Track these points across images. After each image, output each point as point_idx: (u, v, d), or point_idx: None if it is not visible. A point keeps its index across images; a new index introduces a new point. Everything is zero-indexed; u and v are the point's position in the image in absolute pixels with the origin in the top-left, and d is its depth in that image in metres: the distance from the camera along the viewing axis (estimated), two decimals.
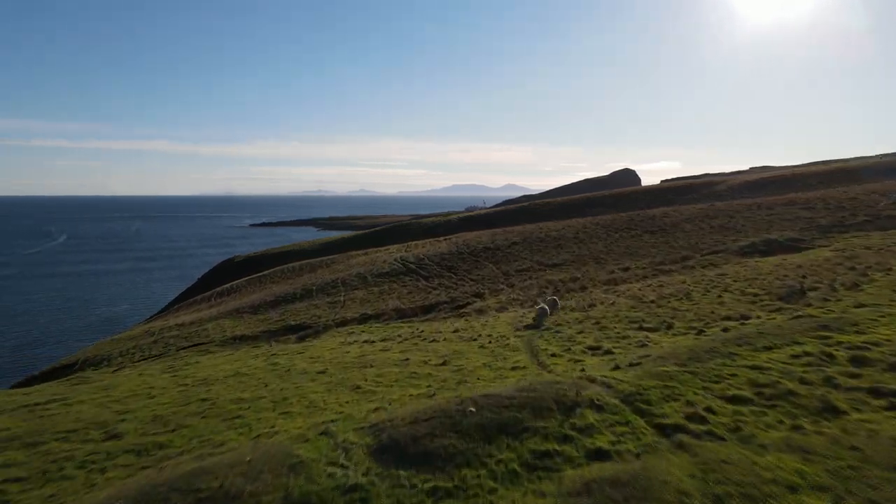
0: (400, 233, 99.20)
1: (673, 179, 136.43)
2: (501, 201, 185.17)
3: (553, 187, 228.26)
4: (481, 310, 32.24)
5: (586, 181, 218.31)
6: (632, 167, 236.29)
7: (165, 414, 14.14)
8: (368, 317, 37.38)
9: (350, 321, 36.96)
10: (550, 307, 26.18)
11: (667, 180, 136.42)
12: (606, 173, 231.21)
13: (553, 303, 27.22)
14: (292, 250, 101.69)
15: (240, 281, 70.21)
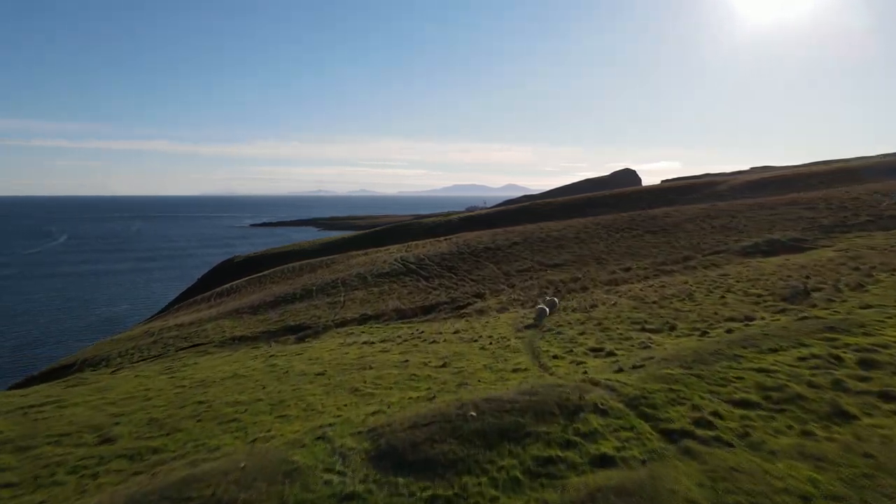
0: (400, 233, 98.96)
1: (674, 179, 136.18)
2: (502, 201, 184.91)
3: (554, 187, 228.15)
4: (482, 310, 31.99)
5: (587, 181, 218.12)
6: (632, 167, 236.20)
7: (161, 417, 13.90)
8: (368, 317, 37.15)
9: (350, 322, 36.73)
10: (549, 308, 25.97)
11: (667, 180, 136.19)
12: (607, 173, 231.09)
13: (552, 303, 27.02)
14: (292, 250, 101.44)
15: (239, 281, 69.95)
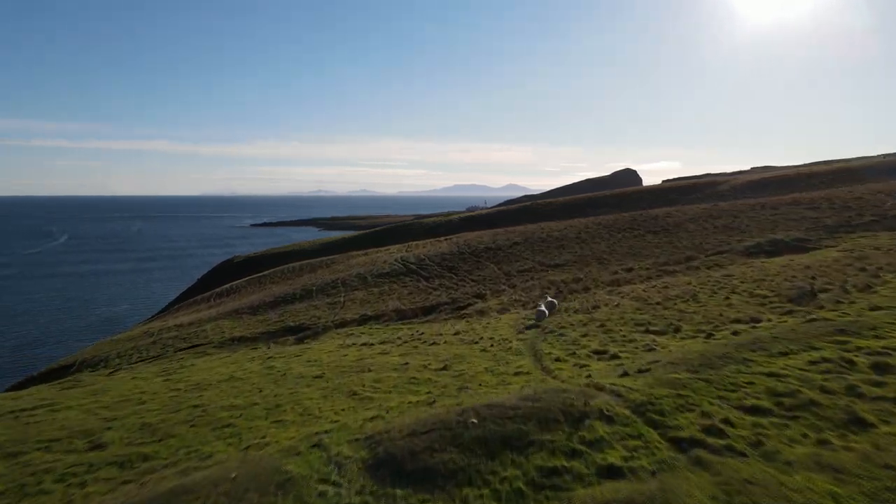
0: (401, 233, 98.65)
1: (674, 179, 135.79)
2: (503, 201, 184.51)
3: (554, 187, 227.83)
4: (483, 311, 31.64)
5: (587, 181, 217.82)
6: (633, 167, 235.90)
7: (154, 422, 13.56)
8: (368, 318, 36.83)
9: (349, 322, 36.42)
10: (549, 308, 25.72)
11: (668, 180, 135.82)
12: (607, 173, 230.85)
13: (551, 304, 26.77)
14: (293, 250, 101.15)
15: (239, 281, 69.68)
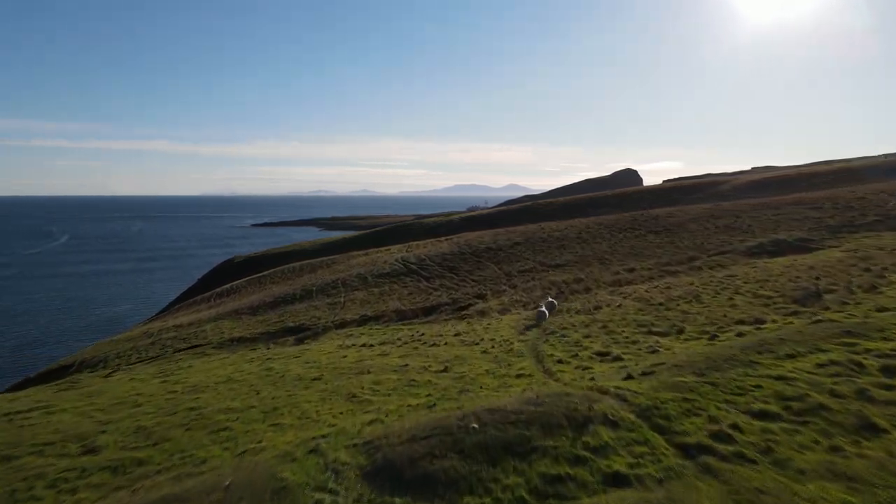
0: (401, 233, 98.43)
1: (675, 179, 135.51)
2: (503, 201, 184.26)
3: (555, 187, 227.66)
4: (483, 311, 31.43)
5: (588, 181, 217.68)
6: (633, 167, 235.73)
7: (149, 425, 13.34)
8: (368, 318, 36.61)
9: (349, 323, 36.20)
10: (549, 309, 25.60)
11: (669, 180, 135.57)
12: (608, 173, 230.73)
13: (551, 304, 26.66)
14: (293, 250, 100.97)
15: (240, 281, 69.48)
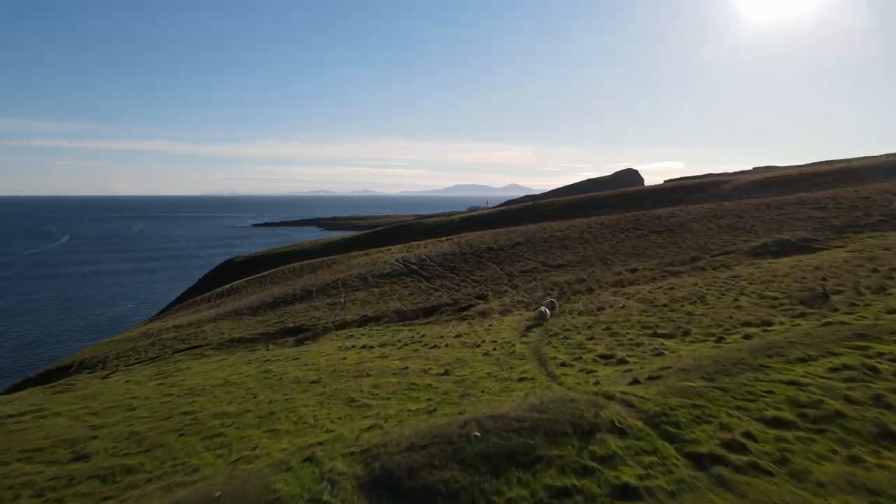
0: (402, 233, 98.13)
1: (677, 179, 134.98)
2: (504, 201, 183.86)
3: (556, 187, 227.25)
4: (484, 312, 31.08)
5: (589, 181, 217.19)
6: (634, 167, 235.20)
7: (142, 430, 13.00)
8: (368, 319, 36.28)
9: (350, 324, 35.88)
10: (549, 309, 25.42)
11: (670, 180, 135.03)
12: (609, 173, 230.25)
13: (551, 304, 26.47)
14: (294, 250, 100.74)
15: (240, 282, 69.22)
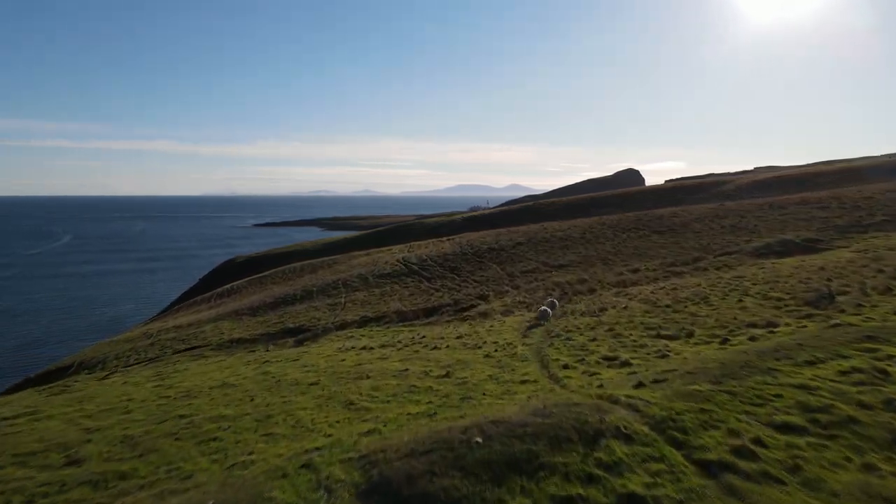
0: (403, 233, 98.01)
1: (678, 179, 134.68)
2: (505, 201, 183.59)
3: (557, 187, 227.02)
4: (486, 313, 30.85)
5: (590, 181, 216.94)
6: (635, 167, 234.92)
7: (137, 434, 12.78)
8: (369, 319, 36.08)
9: (350, 324, 35.68)
10: (550, 308, 25.36)
11: (671, 180, 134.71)
12: (610, 173, 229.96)
13: (552, 304, 26.39)
14: (294, 251, 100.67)
15: (240, 282, 69.06)
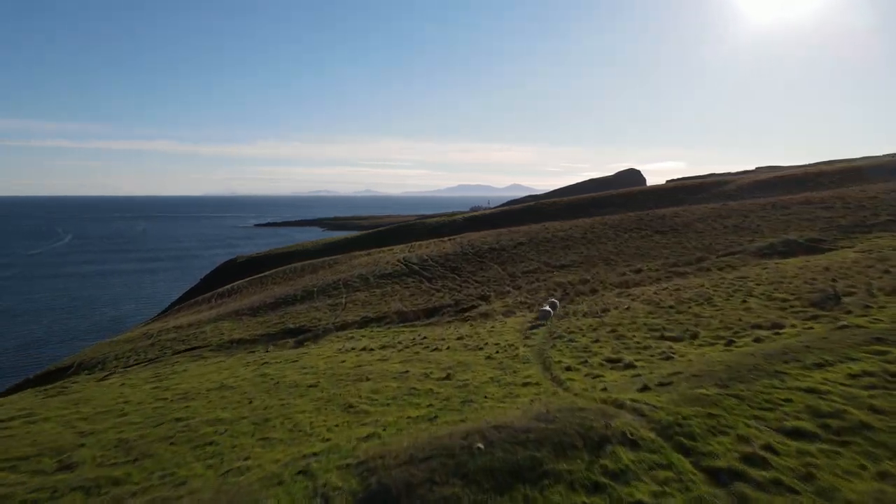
0: (404, 233, 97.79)
1: (679, 179, 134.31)
2: (506, 201, 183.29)
3: (558, 187, 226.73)
4: (487, 314, 30.61)
5: (591, 181, 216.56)
6: (636, 167, 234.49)
7: (132, 437, 12.55)
8: (369, 320, 35.87)
9: (350, 325, 35.47)
10: (551, 309, 25.21)
11: (672, 180, 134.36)
12: (611, 173, 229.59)
13: (553, 304, 26.25)
14: (295, 251, 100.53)
15: (241, 282, 68.91)
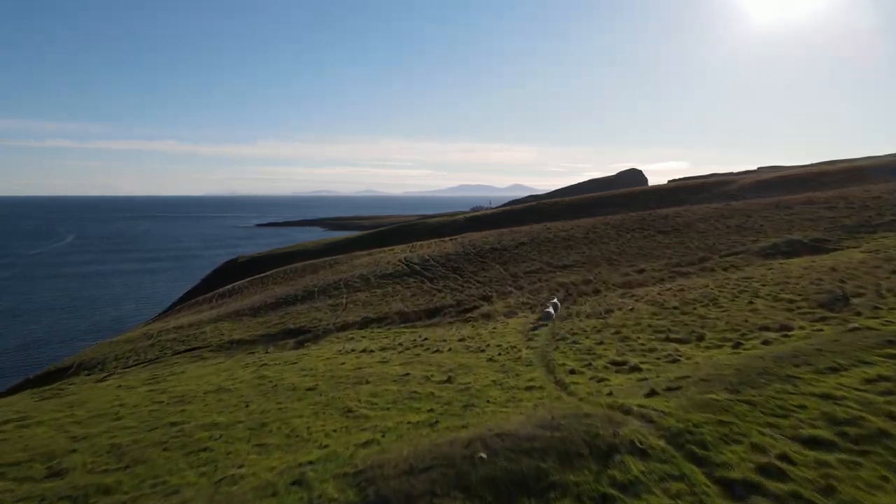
0: (405, 233, 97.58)
1: (681, 179, 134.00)
2: (508, 201, 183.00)
3: (560, 187, 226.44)
4: (488, 314, 30.31)
5: (593, 181, 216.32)
6: (637, 167, 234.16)
7: (125, 442, 12.25)
8: (370, 320, 35.60)
9: (351, 325, 35.22)
10: (553, 309, 25.02)
11: (674, 180, 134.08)
12: (612, 173, 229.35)
13: (555, 305, 26.08)
14: (296, 251, 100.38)
15: (242, 282, 68.68)
